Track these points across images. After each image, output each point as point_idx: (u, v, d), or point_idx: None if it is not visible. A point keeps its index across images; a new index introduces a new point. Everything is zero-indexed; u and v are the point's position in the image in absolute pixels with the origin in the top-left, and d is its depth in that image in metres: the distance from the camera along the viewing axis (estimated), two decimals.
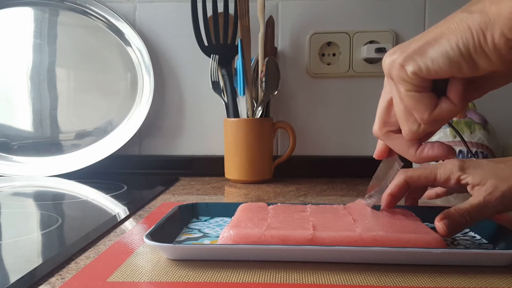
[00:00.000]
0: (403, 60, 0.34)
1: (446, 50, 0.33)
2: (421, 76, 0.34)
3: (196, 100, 0.95)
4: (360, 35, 0.91)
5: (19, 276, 0.35)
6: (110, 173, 0.92)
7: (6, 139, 0.93)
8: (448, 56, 0.33)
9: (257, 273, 0.37)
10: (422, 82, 0.35)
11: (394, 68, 0.35)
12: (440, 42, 0.33)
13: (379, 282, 0.35)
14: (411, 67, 0.34)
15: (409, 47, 0.35)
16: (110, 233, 0.50)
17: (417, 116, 0.36)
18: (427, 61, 0.33)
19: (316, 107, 0.94)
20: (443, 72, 0.33)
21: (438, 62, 0.33)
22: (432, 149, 0.39)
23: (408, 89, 0.35)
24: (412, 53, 0.34)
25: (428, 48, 0.33)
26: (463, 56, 0.32)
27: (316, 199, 0.70)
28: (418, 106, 0.35)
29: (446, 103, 0.35)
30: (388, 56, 0.36)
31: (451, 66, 0.33)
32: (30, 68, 0.93)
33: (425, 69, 0.34)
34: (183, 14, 0.92)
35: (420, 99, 0.35)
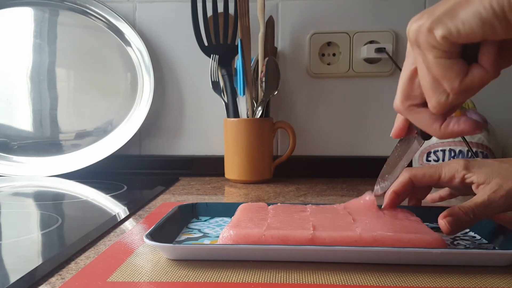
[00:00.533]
0: (431, 23, 0.32)
1: (478, 10, 0.30)
2: (451, 40, 0.32)
3: (196, 100, 0.95)
4: (360, 35, 0.91)
5: (19, 276, 0.35)
6: (110, 173, 0.92)
7: (6, 139, 0.93)
8: (480, 16, 0.30)
9: (257, 273, 0.37)
10: (452, 47, 0.32)
11: (422, 33, 0.33)
12: (472, 2, 0.30)
13: (379, 282, 0.35)
14: (441, 30, 0.32)
15: (436, 10, 0.32)
16: (110, 233, 0.50)
17: (447, 85, 0.34)
18: (457, 23, 0.31)
19: (316, 107, 0.94)
20: (476, 34, 0.31)
21: (470, 24, 0.31)
22: (458, 123, 0.37)
23: (437, 55, 0.33)
24: (441, 15, 0.32)
25: (459, 9, 0.31)
26: (497, 16, 0.30)
27: (316, 199, 0.70)
28: (448, 73, 0.33)
29: (478, 70, 0.33)
30: (414, 21, 0.33)
31: (484, 27, 0.30)
32: (30, 68, 0.93)
33: (455, 32, 0.31)
34: (183, 14, 0.92)
35: (450, 66, 0.33)
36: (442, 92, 0.35)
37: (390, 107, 0.95)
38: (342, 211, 0.49)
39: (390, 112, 0.93)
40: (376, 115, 0.93)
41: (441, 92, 0.35)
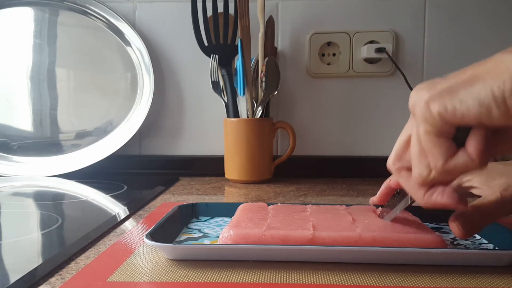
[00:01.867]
0: (429, 97, 0.31)
1: (478, 91, 0.29)
2: (446, 117, 0.31)
3: (196, 100, 0.95)
4: (360, 35, 0.91)
5: (19, 276, 0.35)
6: (110, 173, 0.92)
7: (6, 139, 0.93)
8: (478, 97, 0.29)
9: (257, 273, 0.37)
10: (444, 126, 0.31)
11: (419, 105, 0.32)
12: (474, 84, 0.30)
13: (379, 282, 0.35)
14: (437, 106, 0.31)
15: (439, 85, 0.32)
16: (110, 233, 0.50)
17: (431, 161, 0.33)
18: (455, 101, 0.30)
19: (316, 107, 0.94)
20: (471, 116, 0.30)
21: (467, 104, 0.29)
22: (442, 195, 0.36)
23: (429, 130, 0.32)
24: (441, 91, 0.31)
25: (460, 88, 0.30)
26: (496, 100, 0.28)
27: (316, 199, 0.70)
28: (435, 151, 0.33)
29: (464, 156, 0.32)
30: (415, 91, 0.33)
31: (481, 109, 0.29)
32: (30, 68, 0.93)
33: (451, 110, 0.30)
34: (183, 14, 0.92)
35: (438, 144, 0.32)
36: (426, 166, 0.34)
37: (390, 107, 0.96)
38: (342, 211, 0.49)
39: (390, 112, 0.93)
40: (376, 115, 0.93)
41: (425, 166, 0.34)
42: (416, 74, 0.91)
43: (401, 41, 0.91)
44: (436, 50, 0.91)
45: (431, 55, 0.91)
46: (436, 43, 0.91)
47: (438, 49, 0.91)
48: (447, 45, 0.91)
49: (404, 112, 0.93)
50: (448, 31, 0.90)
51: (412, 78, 0.90)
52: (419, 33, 0.91)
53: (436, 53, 0.91)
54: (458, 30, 0.90)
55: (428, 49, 0.91)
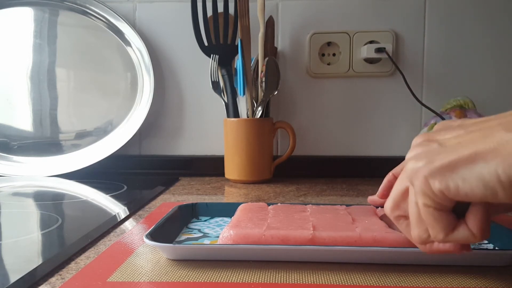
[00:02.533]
0: (429, 173, 0.30)
1: (481, 173, 0.28)
2: (448, 195, 0.30)
3: (196, 100, 0.95)
4: (360, 35, 0.91)
5: (19, 276, 0.35)
6: (110, 173, 0.92)
7: (6, 139, 0.93)
8: (483, 180, 0.28)
9: (257, 273, 0.37)
10: (445, 201, 0.31)
11: (418, 178, 0.31)
12: (476, 162, 0.28)
13: (379, 282, 0.35)
14: (438, 184, 0.30)
15: (436, 158, 0.30)
16: (110, 233, 0.50)
17: (431, 233, 0.32)
18: (457, 180, 0.29)
19: (316, 107, 0.94)
20: (475, 196, 0.29)
21: (471, 185, 0.28)
22: (443, 244, 0.35)
23: (428, 204, 0.31)
24: (441, 168, 0.30)
25: (461, 166, 0.29)
26: (501, 183, 0.28)
27: (316, 199, 0.70)
28: (435, 224, 0.32)
29: (465, 230, 0.32)
30: (413, 161, 0.32)
31: (486, 191, 0.28)
32: (30, 68, 0.93)
33: (454, 189, 0.29)
34: (183, 14, 0.92)
35: (438, 218, 0.32)
36: (425, 230, 0.33)
37: (390, 107, 0.96)
38: (342, 211, 0.49)
39: (390, 112, 0.93)
40: (376, 115, 0.93)
41: (424, 230, 0.33)
42: (416, 74, 0.91)
43: (401, 41, 0.91)
44: (436, 50, 0.91)
45: (431, 55, 0.91)
46: (436, 43, 0.91)
47: (438, 49, 0.91)
48: (447, 45, 0.91)
49: (404, 112, 0.93)
50: (448, 31, 0.90)
51: (412, 78, 0.91)
52: (419, 33, 0.91)
53: (436, 53, 0.91)
54: (458, 30, 0.90)
55: (428, 49, 0.91)
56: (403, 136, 0.92)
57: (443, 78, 0.91)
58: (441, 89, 0.91)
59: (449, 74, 0.91)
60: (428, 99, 0.89)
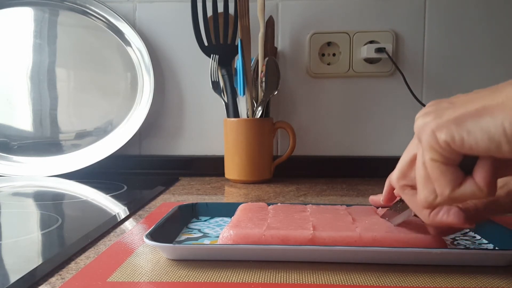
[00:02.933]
0: (436, 126, 0.31)
1: (487, 126, 0.29)
2: (452, 147, 0.30)
3: (196, 100, 0.95)
4: (360, 35, 0.91)
5: (19, 276, 0.35)
6: (110, 173, 0.92)
7: (6, 139, 0.93)
8: (488, 133, 0.29)
9: (257, 273, 0.37)
10: (451, 154, 0.31)
11: (425, 132, 0.32)
12: (482, 116, 0.29)
13: (379, 282, 0.35)
14: (444, 135, 0.30)
15: (445, 113, 0.31)
16: (110, 233, 0.50)
17: (437, 189, 0.33)
18: (462, 132, 0.30)
19: (316, 107, 0.94)
20: (479, 149, 0.29)
21: (476, 137, 0.29)
22: (447, 214, 0.36)
23: (435, 158, 0.32)
24: (448, 121, 0.31)
25: (467, 119, 0.30)
26: (506, 137, 0.28)
27: (316, 199, 0.70)
28: (442, 179, 0.32)
29: (472, 185, 0.32)
30: (421, 117, 0.33)
31: (490, 144, 0.29)
32: (30, 68, 0.93)
33: (459, 140, 0.30)
34: (183, 14, 0.92)
35: (444, 172, 0.32)
36: (432, 191, 0.33)
37: (390, 107, 0.96)
38: (342, 211, 0.49)
39: (390, 112, 0.93)
40: (376, 115, 0.93)
41: (431, 191, 0.33)
42: (416, 74, 0.91)
43: (401, 41, 0.91)
44: (436, 50, 0.91)
45: (431, 55, 0.91)
46: (436, 43, 0.91)
47: (438, 49, 0.91)
48: (447, 45, 0.91)
49: (404, 112, 0.93)
50: (448, 31, 0.90)
51: (412, 78, 0.90)
52: (419, 33, 0.91)
53: (436, 53, 0.91)
54: (458, 30, 0.90)
55: (428, 49, 0.91)
56: (403, 136, 0.92)
57: (443, 78, 0.91)
58: (441, 89, 0.91)
59: (449, 74, 0.91)
60: (428, 99, 0.89)
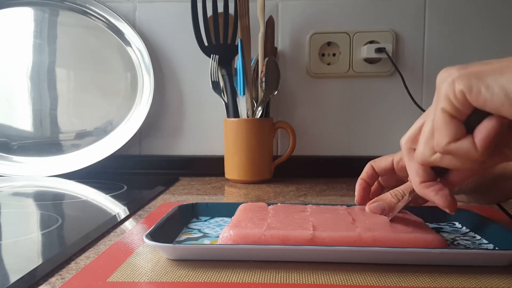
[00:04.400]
0: (457, 76, 0.32)
1: (506, 84, 0.29)
2: (467, 98, 0.31)
3: (196, 100, 0.95)
4: (360, 35, 0.91)
5: (19, 276, 0.35)
6: (110, 173, 0.92)
7: (6, 139, 0.93)
8: (506, 90, 0.29)
9: (257, 273, 0.37)
10: (462, 106, 0.32)
11: (446, 81, 0.32)
12: (503, 74, 0.30)
13: (379, 282, 0.35)
14: (462, 85, 0.31)
15: (468, 67, 0.32)
16: (110, 233, 0.50)
17: (436, 138, 0.34)
18: (481, 85, 0.30)
19: (316, 107, 0.94)
20: (493, 104, 0.30)
21: (493, 91, 0.30)
22: (436, 192, 0.37)
23: (445, 108, 0.32)
24: (469, 73, 0.31)
25: (489, 74, 0.30)
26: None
27: (316, 199, 0.70)
28: (443, 128, 0.33)
29: (468, 143, 0.32)
30: (445, 70, 0.33)
31: (504, 101, 0.29)
32: (30, 68, 0.93)
33: (476, 92, 0.31)
34: (183, 14, 0.92)
35: (448, 124, 0.32)
36: (430, 148, 0.35)
37: (389, 107, 0.96)
38: (342, 211, 0.49)
39: (389, 112, 0.93)
40: (376, 115, 0.93)
41: (430, 147, 0.35)
42: (416, 74, 0.91)
43: (401, 41, 0.91)
44: (436, 50, 0.91)
45: (431, 55, 0.91)
46: (436, 43, 0.91)
47: (438, 49, 0.91)
48: (447, 45, 0.91)
49: (404, 112, 0.93)
50: (448, 31, 0.90)
51: (412, 78, 0.90)
52: (419, 33, 0.91)
53: (436, 53, 0.91)
54: (458, 30, 0.90)
55: (428, 49, 0.91)
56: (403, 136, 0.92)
57: None
58: None
59: None
60: (428, 99, 0.89)
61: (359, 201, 0.52)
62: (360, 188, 0.52)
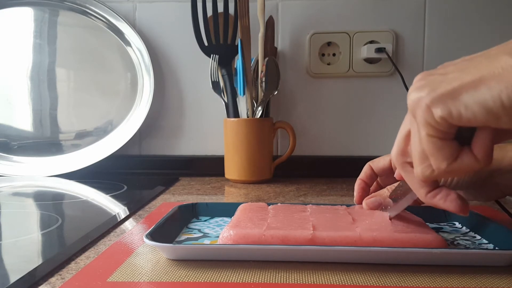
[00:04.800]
0: (431, 101, 0.30)
1: (484, 99, 0.28)
2: (449, 122, 0.30)
3: (196, 100, 0.95)
4: (360, 35, 0.91)
5: (19, 276, 0.35)
6: (110, 173, 0.92)
7: (6, 139, 0.93)
8: (486, 106, 0.28)
9: (257, 273, 0.37)
10: (448, 129, 0.30)
11: (420, 108, 0.31)
12: (479, 89, 0.28)
13: (379, 282, 0.35)
14: (440, 111, 0.30)
15: (439, 86, 0.30)
16: (110, 233, 0.50)
17: (433, 164, 0.32)
18: (460, 106, 0.29)
19: (316, 107, 0.94)
20: (478, 121, 0.29)
21: (473, 110, 0.28)
22: (444, 199, 0.36)
23: (431, 134, 0.31)
24: (443, 95, 0.30)
25: (463, 92, 0.29)
26: (505, 109, 0.28)
27: (316, 199, 0.70)
28: (437, 154, 0.32)
29: (469, 157, 0.31)
30: (414, 91, 0.32)
31: (488, 117, 0.28)
32: (30, 68, 0.93)
33: (456, 115, 0.29)
34: (183, 14, 0.92)
35: (441, 147, 0.31)
36: (428, 166, 0.33)
37: (389, 107, 0.96)
38: (342, 211, 0.49)
39: (389, 112, 0.93)
40: (376, 115, 0.93)
41: (427, 165, 0.33)
42: (416, 74, 0.91)
43: (401, 41, 0.91)
44: (436, 50, 0.91)
45: (431, 55, 0.91)
46: (436, 43, 0.91)
47: (438, 49, 0.91)
48: (447, 45, 0.91)
49: (404, 112, 0.93)
50: (448, 31, 0.90)
51: (412, 78, 0.89)
52: (419, 33, 0.91)
53: (436, 53, 0.91)
54: (458, 30, 0.90)
55: (428, 49, 0.91)
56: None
57: None
58: None
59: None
60: None
61: (358, 201, 0.52)
62: (359, 188, 0.52)
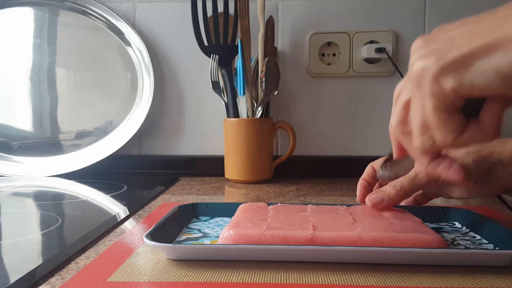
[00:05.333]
0: (439, 71, 0.27)
1: (500, 65, 0.25)
2: (461, 94, 0.27)
3: (196, 100, 0.95)
4: (360, 35, 0.91)
5: (19, 276, 0.35)
6: (110, 173, 0.92)
7: (6, 139, 0.93)
8: (503, 73, 0.25)
9: (257, 273, 0.37)
10: (456, 101, 0.28)
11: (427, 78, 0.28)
12: (492, 54, 0.26)
13: (379, 282, 0.35)
14: (451, 82, 0.27)
15: (447, 54, 0.27)
16: (110, 233, 0.50)
17: (438, 137, 0.30)
18: (472, 75, 0.26)
19: (316, 107, 0.94)
20: (493, 91, 0.26)
21: (488, 79, 0.26)
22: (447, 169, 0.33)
23: (438, 107, 0.29)
24: (452, 63, 0.27)
25: (475, 60, 0.26)
26: None
27: (316, 199, 0.70)
28: (444, 127, 0.29)
29: (477, 130, 0.29)
30: (419, 59, 0.29)
31: (504, 85, 0.26)
32: (30, 68, 0.93)
33: (468, 85, 0.27)
34: (183, 14, 0.92)
35: (447, 121, 0.29)
36: (429, 138, 0.31)
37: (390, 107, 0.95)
38: (342, 211, 0.49)
39: (390, 112, 0.93)
40: (376, 115, 0.93)
41: (428, 137, 0.31)
42: None
43: (401, 41, 0.91)
44: None
45: None
46: None
47: None
48: None
49: None
50: None
51: None
52: (419, 33, 0.91)
53: None
54: None
55: None
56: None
57: None
58: None
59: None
60: None
61: (360, 199, 0.52)
62: (362, 187, 0.52)
